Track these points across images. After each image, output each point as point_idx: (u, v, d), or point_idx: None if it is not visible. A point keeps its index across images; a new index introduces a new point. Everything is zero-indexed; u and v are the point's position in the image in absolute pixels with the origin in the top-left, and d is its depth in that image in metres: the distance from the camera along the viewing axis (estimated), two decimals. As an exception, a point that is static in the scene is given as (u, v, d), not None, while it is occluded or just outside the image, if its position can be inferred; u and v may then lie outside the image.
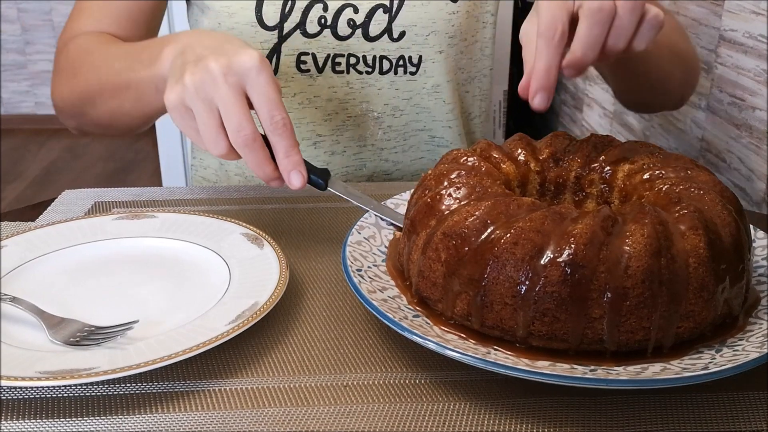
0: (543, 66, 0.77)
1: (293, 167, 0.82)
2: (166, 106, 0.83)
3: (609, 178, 0.83)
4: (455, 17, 1.19)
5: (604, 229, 0.65)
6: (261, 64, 0.80)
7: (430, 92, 1.24)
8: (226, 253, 0.85)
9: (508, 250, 0.66)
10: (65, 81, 1.11)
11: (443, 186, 0.76)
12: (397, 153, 1.27)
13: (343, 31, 1.16)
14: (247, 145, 0.80)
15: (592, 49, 0.77)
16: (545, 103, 0.78)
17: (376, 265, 0.80)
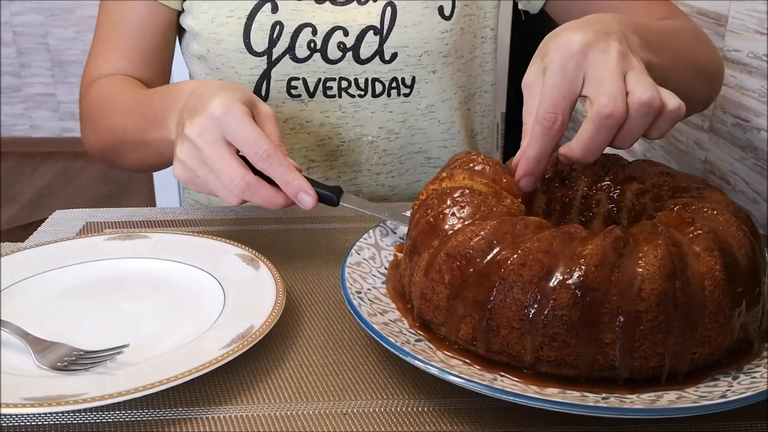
0: (534, 154, 0.75)
1: (297, 191, 0.84)
2: (180, 181, 0.88)
3: (617, 198, 0.80)
4: (449, 35, 1.17)
5: (616, 250, 0.63)
6: (225, 108, 0.82)
7: (425, 113, 1.21)
8: (220, 274, 0.82)
9: (515, 272, 0.63)
10: (90, 132, 1.14)
11: (446, 205, 0.73)
12: (393, 177, 1.25)
13: (334, 54, 1.14)
14: (245, 192, 0.82)
15: (592, 153, 0.73)
16: (531, 186, 0.77)
17: (376, 288, 0.77)
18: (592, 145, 0.72)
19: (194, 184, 0.87)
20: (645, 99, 0.70)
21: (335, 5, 1.13)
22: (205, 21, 1.13)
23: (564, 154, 0.75)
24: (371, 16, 1.13)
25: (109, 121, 1.08)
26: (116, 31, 1.16)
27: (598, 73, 0.72)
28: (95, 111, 1.12)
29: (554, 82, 0.73)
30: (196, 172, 0.85)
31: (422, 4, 1.14)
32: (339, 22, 1.12)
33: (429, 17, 1.15)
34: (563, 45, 0.74)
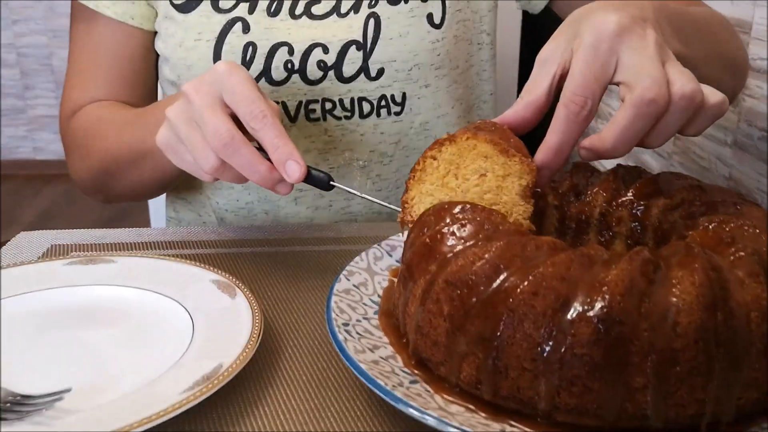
0: (556, 142, 0.66)
1: (287, 157, 0.75)
2: (158, 146, 0.82)
3: (642, 215, 0.71)
4: (440, 45, 1.07)
5: (645, 276, 0.53)
6: (231, 67, 0.77)
7: (419, 131, 1.11)
8: (191, 303, 0.72)
9: (526, 302, 0.53)
10: (80, 162, 1.08)
11: (445, 223, 0.63)
12: (390, 203, 1.13)
13: (314, 74, 1.03)
14: (227, 146, 0.74)
15: (627, 143, 0.65)
16: (546, 180, 0.68)
17: (367, 318, 0.68)
18: (627, 135, 0.64)
19: (173, 151, 0.81)
20: (687, 91, 0.64)
21: (313, 19, 1.03)
22: (173, 45, 1.04)
23: (589, 146, 0.66)
24: (353, 29, 1.03)
25: (103, 143, 1.02)
26: (92, 61, 1.09)
27: (636, 58, 0.65)
28: (85, 137, 1.06)
29: (586, 62, 0.65)
30: (179, 131, 0.78)
31: (409, 13, 1.04)
32: (317, 38, 1.02)
33: (417, 27, 1.05)
34: (598, 25, 0.66)
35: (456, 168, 0.68)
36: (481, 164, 0.67)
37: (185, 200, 1.20)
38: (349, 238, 0.96)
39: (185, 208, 1.20)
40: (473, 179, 0.68)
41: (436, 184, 0.69)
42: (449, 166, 0.69)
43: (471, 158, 0.68)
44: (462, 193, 0.68)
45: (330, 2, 1.04)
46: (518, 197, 0.67)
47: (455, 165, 0.68)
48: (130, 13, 1.06)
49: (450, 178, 0.69)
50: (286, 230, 0.99)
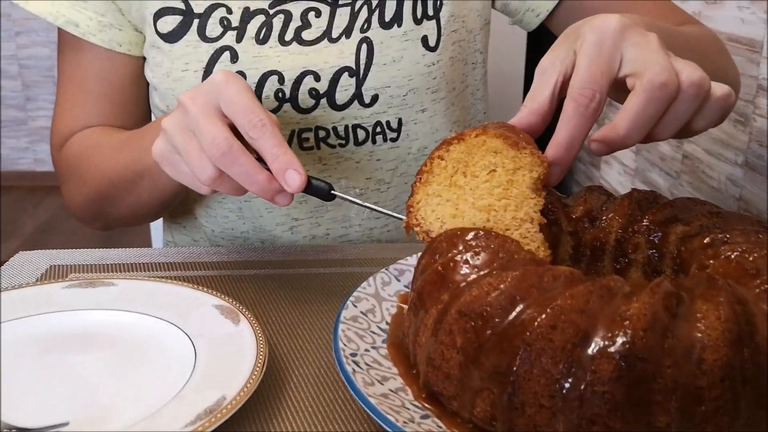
0: (566, 137, 0.64)
1: (286, 166, 0.73)
2: (154, 158, 0.79)
3: (659, 242, 0.69)
4: (436, 68, 1.03)
5: (668, 310, 0.51)
6: (229, 76, 0.76)
7: (417, 157, 1.08)
8: (192, 329, 0.70)
9: (543, 336, 0.51)
10: (75, 190, 1.05)
11: (457, 250, 0.61)
12: (390, 231, 1.11)
13: (306, 102, 1.00)
14: (225, 155, 0.72)
15: (639, 130, 0.64)
16: (558, 179, 0.66)
17: (375, 347, 0.66)
18: (639, 121, 0.63)
19: (169, 162, 0.78)
20: (696, 78, 0.64)
21: (303, 45, 0.99)
22: (161, 75, 1.01)
23: (601, 137, 0.64)
24: (344, 55, 1.00)
25: (98, 166, 0.99)
26: (81, 89, 1.06)
27: (640, 51, 0.65)
28: (79, 163, 1.02)
29: (590, 58, 0.65)
30: (175, 141, 0.76)
31: (402, 37, 1.01)
32: (308, 65, 0.99)
33: (411, 51, 1.01)
34: (599, 24, 0.66)
35: (465, 166, 0.66)
36: (490, 160, 0.65)
37: (180, 225, 1.17)
38: (355, 260, 0.94)
39: (180, 233, 1.18)
40: (483, 176, 0.65)
41: (444, 184, 0.67)
42: (458, 165, 0.66)
43: (480, 155, 0.65)
44: (471, 190, 0.66)
45: (320, 27, 1.00)
46: (529, 190, 0.64)
47: (464, 163, 0.66)
48: (117, 40, 1.03)
49: (458, 176, 0.66)
50: (290, 252, 0.97)
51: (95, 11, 1.01)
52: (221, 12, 0.98)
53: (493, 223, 0.65)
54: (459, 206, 0.66)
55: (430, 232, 0.67)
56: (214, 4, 0.98)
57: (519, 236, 0.64)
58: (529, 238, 0.64)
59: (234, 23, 0.98)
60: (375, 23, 1.00)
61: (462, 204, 0.66)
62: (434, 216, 0.67)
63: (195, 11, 0.98)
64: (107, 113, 1.06)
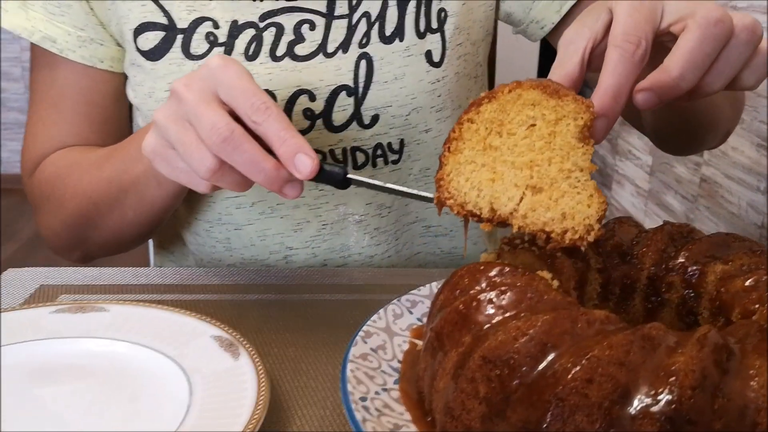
0: (613, 84, 0.58)
1: (295, 150, 0.66)
2: (146, 156, 0.72)
3: (696, 281, 0.63)
4: (441, 85, 0.97)
5: (718, 365, 0.46)
6: (225, 60, 0.68)
7: (419, 178, 1.01)
8: (189, 363, 0.65)
9: (578, 391, 0.46)
10: (51, 216, 0.96)
11: (481, 288, 0.56)
12: (390, 257, 1.04)
13: (300, 124, 0.93)
14: (227, 141, 0.64)
15: (694, 71, 0.59)
16: (604, 133, 0.60)
17: (387, 389, 0.60)
18: (694, 59, 0.58)
19: (163, 158, 0.71)
20: (748, 22, 0.60)
21: (296, 61, 0.93)
22: (143, 95, 0.95)
23: (650, 84, 0.59)
24: (342, 72, 0.93)
25: (77, 186, 0.91)
26: (56, 108, 0.98)
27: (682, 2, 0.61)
28: (54, 186, 0.95)
29: (633, 6, 0.60)
30: (168, 133, 0.68)
31: (404, 52, 0.94)
32: (303, 83, 0.92)
33: (415, 67, 0.95)
34: None
35: (500, 125, 0.60)
36: (528, 113, 0.60)
37: (169, 251, 1.12)
38: (364, 286, 0.89)
39: (169, 259, 1.13)
40: (521, 132, 0.60)
41: (477, 149, 0.61)
42: (491, 125, 0.61)
43: (516, 110, 0.60)
44: (509, 149, 0.60)
45: (315, 41, 0.93)
46: (575, 140, 0.58)
47: (498, 122, 0.61)
48: (99, 56, 0.96)
49: (493, 137, 0.61)
50: (296, 275, 0.91)
51: (73, 25, 0.94)
52: (207, 26, 0.92)
53: (537, 179, 0.59)
54: (497, 169, 0.60)
55: (466, 204, 0.62)
56: (199, 18, 0.92)
57: (568, 186, 0.58)
58: (580, 187, 0.58)
59: (221, 38, 0.92)
60: (375, 37, 0.94)
61: (500, 166, 0.60)
62: (469, 185, 0.62)
63: (178, 26, 0.92)
64: (85, 133, 0.99)
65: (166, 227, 1.09)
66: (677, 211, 1.69)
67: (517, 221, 0.60)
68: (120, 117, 1.01)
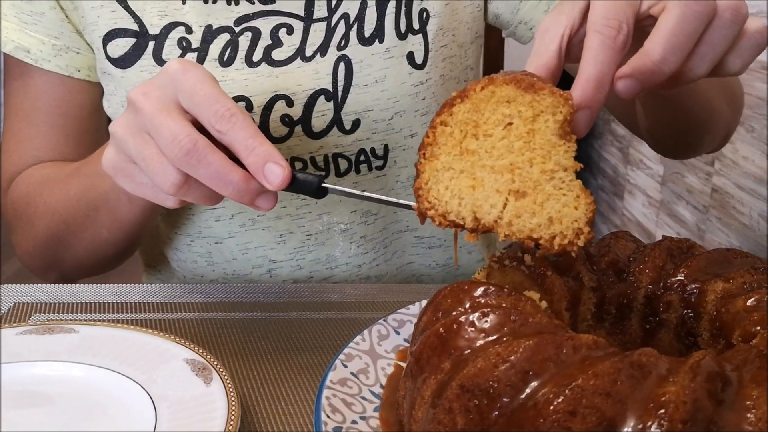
0: (594, 73, 0.54)
1: (264, 159, 0.62)
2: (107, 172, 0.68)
3: (695, 300, 0.60)
4: (425, 88, 0.93)
5: (712, 396, 0.42)
6: (185, 64, 0.64)
7: (406, 185, 0.98)
8: (156, 390, 0.61)
9: (560, 424, 0.42)
10: (23, 235, 0.93)
11: (463, 308, 0.53)
12: (378, 265, 1.01)
13: (278, 131, 0.89)
14: (189, 154, 0.60)
15: (676, 54, 0.54)
16: (587, 126, 0.55)
17: (365, 418, 0.57)
18: (676, 41, 0.54)
19: (124, 174, 0.67)
20: (732, 1, 0.56)
21: (273, 66, 0.90)
22: (116, 105, 0.92)
23: (631, 70, 0.55)
24: (320, 76, 0.89)
25: (48, 203, 0.88)
26: (30, 122, 0.94)
27: None
28: (27, 204, 0.91)
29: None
30: (128, 147, 0.64)
31: (385, 54, 0.91)
32: (279, 89, 0.89)
33: (396, 69, 0.91)
34: None
35: (475, 127, 0.57)
36: (504, 112, 0.55)
37: (155, 269, 1.09)
38: (355, 303, 0.85)
39: (156, 277, 1.10)
40: (498, 132, 0.56)
41: (454, 154, 0.57)
42: (466, 127, 0.57)
43: (491, 109, 0.56)
44: (487, 153, 0.56)
45: (293, 45, 0.90)
46: (555, 137, 0.54)
47: (473, 124, 0.57)
48: (75, 65, 0.93)
49: (469, 140, 0.57)
50: (284, 292, 0.88)
51: (48, 34, 0.91)
52: (179, 32, 0.89)
53: (519, 182, 0.55)
54: (476, 174, 0.57)
55: (448, 214, 0.58)
56: (171, 23, 0.89)
57: (553, 188, 0.54)
58: (565, 188, 0.54)
59: (194, 44, 0.89)
60: (353, 39, 0.90)
61: (479, 171, 0.56)
62: (449, 193, 0.58)
63: (150, 32, 0.89)
64: (61, 147, 0.95)
65: (150, 245, 1.06)
66: (689, 221, 1.65)
67: (502, 229, 0.56)
68: (98, 130, 0.98)
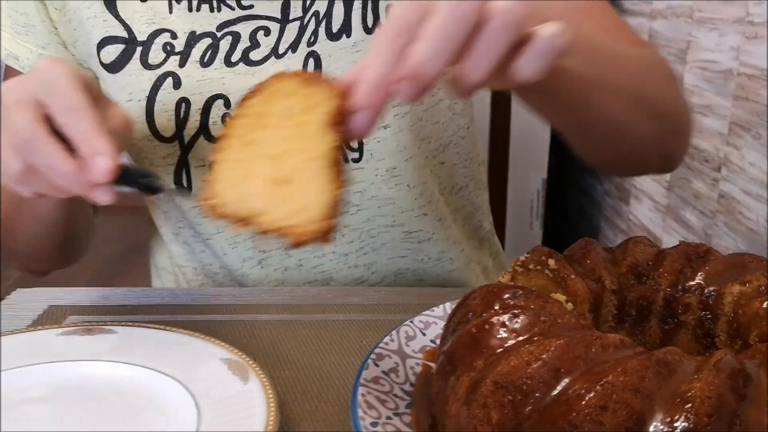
0: (376, 73, 0.55)
1: (95, 151, 0.64)
2: None
3: (713, 303, 0.62)
4: None
5: (734, 391, 0.45)
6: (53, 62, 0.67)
7: (387, 179, 0.99)
8: (197, 387, 0.64)
9: (592, 418, 0.45)
10: None
11: (493, 310, 0.55)
12: (366, 254, 1.02)
13: None
14: (27, 143, 0.63)
15: (438, 54, 0.54)
16: (367, 126, 0.56)
17: (398, 414, 0.59)
18: (440, 41, 0.53)
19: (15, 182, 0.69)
20: (503, 5, 0.54)
21: (250, 66, 0.94)
22: None
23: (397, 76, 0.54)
24: None
25: None
26: None
27: None
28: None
29: None
30: None
31: (352, 48, 0.94)
32: None
33: None
34: None
35: (263, 118, 0.58)
36: (285, 104, 0.57)
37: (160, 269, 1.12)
38: (376, 306, 0.87)
39: (163, 278, 1.13)
40: (278, 123, 0.57)
41: (240, 145, 0.58)
42: (257, 119, 0.58)
43: (277, 101, 0.58)
44: (267, 143, 0.57)
45: (269, 45, 0.94)
46: (324, 128, 0.55)
47: (263, 116, 0.58)
48: None
49: (255, 132, 0.58)
50: (308, 295, 0.90)
51: (36, 44, 0.97)
52: (165, 37, 0.94)
53: (280, 172, 0.56)
54: (251, 165, 0.57)
55: (222, 205, 0.58)
56: (158, 29, 0.94)
57: (306, 178, 0.55)
58: (312, 175, 0.55)
59: (178, 48, 0.94)
60: (322, 35, 0.94)
61: (255, 161, 0.57)
62: (224, 184, 0.58)
63: (138, 39, 0.94)
64: None
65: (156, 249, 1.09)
66: (696, 226, 1.67)
67: (259, 220, 0.57)
68: None
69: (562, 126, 0.89)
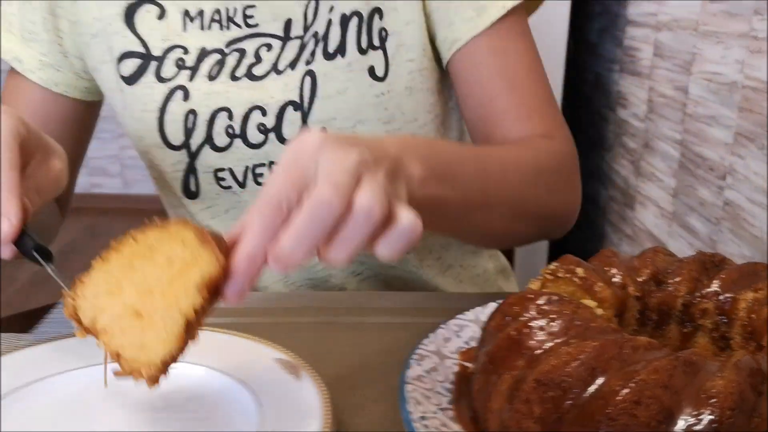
0: (247, 251, 0.59)
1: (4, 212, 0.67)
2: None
3: (728, 308, 0.68)
4: (387, 99, 1.01)
5: (753, 388, 0.50)
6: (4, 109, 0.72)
7: None
8: (258, 385, 0.69)
9: (627, 411, 0.50)
10: None
11: (531, 315, 0.61)
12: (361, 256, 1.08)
13: (255, 138, 1.01)
14: None
15: (301, 246, 0.58)
16: (237, 294, 0.60)
17: (443, 409, 0.65)
18: (302, 237, 0.58)
19: None
20: (366, 204, 0.59)
21: (253, 80, 1.01)
22: (129, 119, 1.06)
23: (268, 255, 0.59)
24: (289, 89, 1.00)
25: None
26: None
27: (329, 166, 0.60)
28: None
29: (284, 168, 0.61)
30: None
31: (346, 68, 1.00)
32: (256, 100, 1.00)
33: (357, 82, 1.00)
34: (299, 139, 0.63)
35: (151, 251, 0.62)
36: (174, 248, 0.61)
37: None
38: (409, 310, 0.93)
39: None
40: (160, 262, 0.61)
41: (121, 263, 0.63)
42: (147, 249, 0.62)
43: (171, 243, 0.62)
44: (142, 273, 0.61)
45: (270, 61, 1.02)
46: (194, 288, 0.59)
47: (153, 250, 0.62)
48: (54, 80, 1.07)
49: (141, 262, 0.62)
50: (345, 298, 0.96)
51: (39, 51, 1.06)
52: (178, 53, 1.02)
53: (141, 306, 0.60)
54: (120, 285, 0.62)
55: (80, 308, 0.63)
56: (172, 46, 1.02)
57: (160, 323, 0.59)
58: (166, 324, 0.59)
59: (189, 63, 1.01)
60: (319, 55, 1.00)
61: (127, 285, 0.62)
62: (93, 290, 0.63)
63: (153, 54, 1.02)
64: None
65: None
66: (701, 232, 1.73)
67: (103, 337, 0.61)
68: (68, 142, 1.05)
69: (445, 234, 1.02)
